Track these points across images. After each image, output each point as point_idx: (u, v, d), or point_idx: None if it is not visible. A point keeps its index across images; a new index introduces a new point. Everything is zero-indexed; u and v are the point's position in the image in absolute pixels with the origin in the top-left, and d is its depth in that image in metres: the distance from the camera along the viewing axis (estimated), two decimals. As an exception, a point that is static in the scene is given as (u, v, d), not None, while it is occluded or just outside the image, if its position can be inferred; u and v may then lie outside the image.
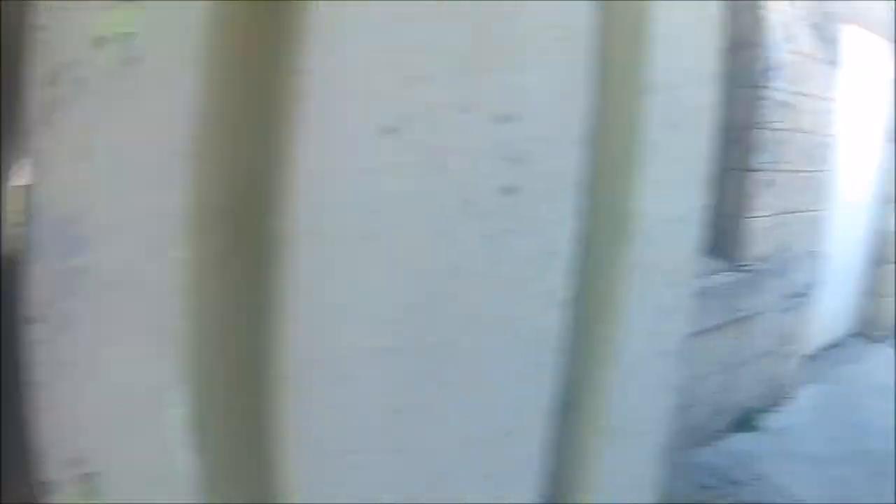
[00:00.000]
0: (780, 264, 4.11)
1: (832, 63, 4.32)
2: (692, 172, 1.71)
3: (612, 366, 1.59)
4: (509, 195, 1.32)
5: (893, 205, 5.92)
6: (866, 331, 6.13)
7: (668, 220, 1.64)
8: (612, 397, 1.61)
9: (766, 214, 3.92)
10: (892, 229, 5.95)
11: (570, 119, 1.39)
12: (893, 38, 5.59)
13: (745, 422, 4.19)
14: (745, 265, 3.83)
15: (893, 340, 6.10)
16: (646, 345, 1.71)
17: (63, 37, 1.05)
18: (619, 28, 1.46)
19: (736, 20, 3.69)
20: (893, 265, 6.01)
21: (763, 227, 3.91)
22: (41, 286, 1.07)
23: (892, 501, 2.10)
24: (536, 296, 1.41)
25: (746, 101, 3.72)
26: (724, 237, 3.80)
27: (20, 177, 1.48)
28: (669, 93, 1.57)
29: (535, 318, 1.43)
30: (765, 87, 3.71)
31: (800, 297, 4.38)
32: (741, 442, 4.07)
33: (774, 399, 4.49)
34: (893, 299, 6.09)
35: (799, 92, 3.96)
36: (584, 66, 1.40)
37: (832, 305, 5.52)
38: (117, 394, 1.09)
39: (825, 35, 4.20)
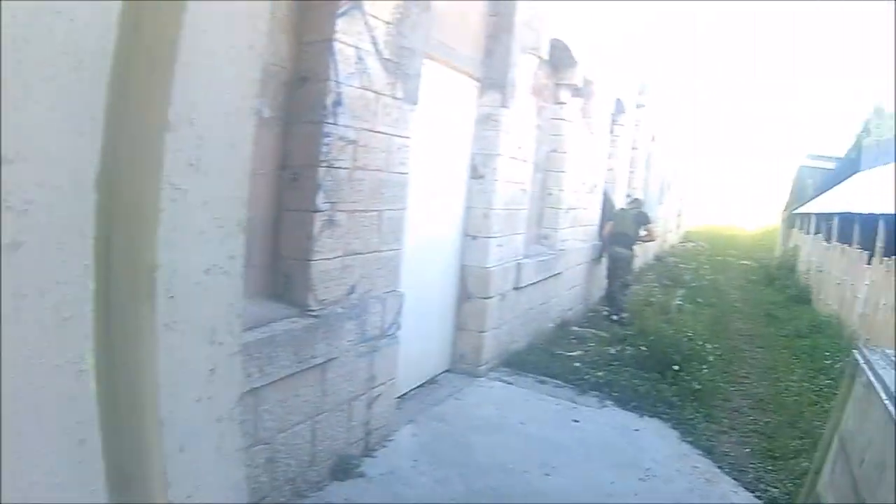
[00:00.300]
0: (354, 306, 4.39)
1: (409, 100, 4.73)
2: (222, 217, 1.72)
3: (160, 436, 1.59)
4: (14, 251, 1.27)
5: (479, 240, 6.74)
6: (462, 366, 6.86)
7: (198, 271, 1.66)
8: (169, 469, 1.61)
9: (335, 256, 4.13)
10: (478, 264, 6.77)
11: (81, 161, 1.37)
12: (478, 77, 6.50)
13: (343, 469, 4.41)
14: (316, 310, 4.01)
15: (496, 374, 6.92)
16: (197, 411, 1.73)
17: None
18: (142, 57, 1.46)
19: (301, 53, 3.92)
20: (485, 300, 6.80)
21: (331, 270, 4.12)
22: None
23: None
24: (58, 367, 1.38)
25: (309, 139, 3.89)
26: (289, 282, 3.97)
27: None
28: (194, 130, 1.59)
29: (62, 391, 1.39)
30: (330, 123, 3.91)
31: (380, 338, 4.73)
32: (343, 490, 4.27)
33: (371, 443, 4.80)
34: (488, 333, 6.90)
35: (368, 129, 4.28)
36: (100, 99, 1.38)
37: (424, 343, 6.13)
38: None
39: (402, 71, 4.59)
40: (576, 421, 6.03)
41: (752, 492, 5.12)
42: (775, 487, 5.23)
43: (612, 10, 9.96)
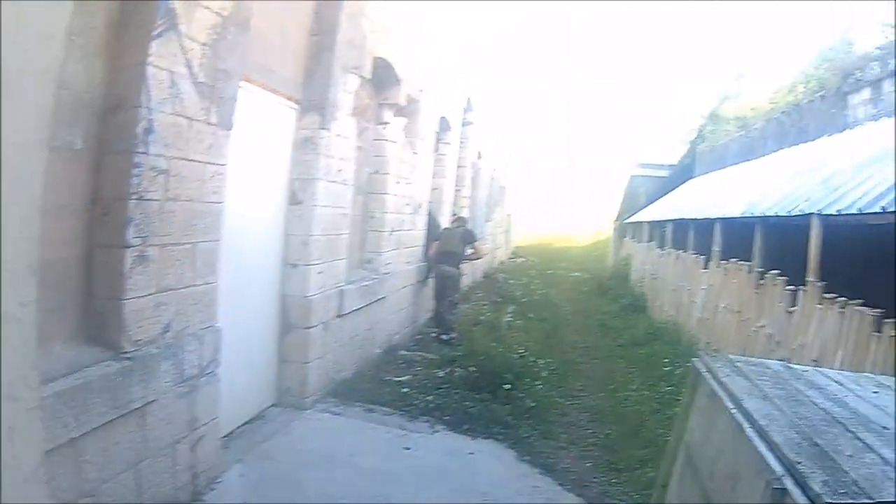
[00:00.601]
0: (170, 345, 4.33)
1: (224, 125, 4.71)
2: (11, 260, 1.65)
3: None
4: None
5: (299, 268, 6.79)
6: (289, 399, 6.87)
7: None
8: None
9: (148, 293, 4.08)
10: (299, 293, 6.83)
11: None
12: (298, 99, 6.58)
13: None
14: (130, 351, 3.94)
15: (323, 405, 6.98)
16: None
17: None
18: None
19: (114, 79, 3.86)
20: (307, 329, 6.87)
21: (145, 308, 4.07)
22: None
23: None
24: None
25: (120, 170, 3.82)
26: (102, 323, 3.88)
27: None
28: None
29: None
30: (141, 152, 3.87)
31: (199, 377, 4.68)
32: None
33: (199, 487, 4.76)
34: (312, 364, 6.97)
35: (181, 157, 4.26)
36: None
37: (247, 379, 6.12)
38: None
39: (217, 95, 4.57)
40: (407, 448, 6.15)
41: (599, 506, 5.32)
42: (621, 500, 5.50)
43: (435, 27, 10.32)
